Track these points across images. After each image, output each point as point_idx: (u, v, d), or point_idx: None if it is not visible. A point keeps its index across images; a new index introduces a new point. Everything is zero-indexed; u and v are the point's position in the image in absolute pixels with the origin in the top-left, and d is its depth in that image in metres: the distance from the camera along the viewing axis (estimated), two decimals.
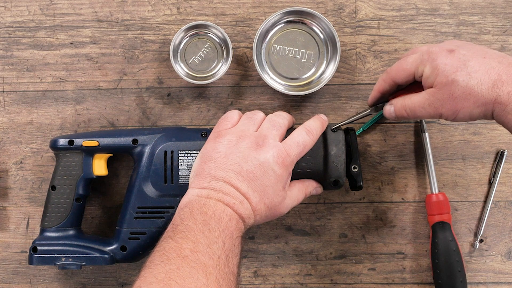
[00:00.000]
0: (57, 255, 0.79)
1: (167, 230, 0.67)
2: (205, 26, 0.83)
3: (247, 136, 0.72)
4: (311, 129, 0.75)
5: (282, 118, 0.76)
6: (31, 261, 0.79)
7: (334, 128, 0.77)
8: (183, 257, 0.62)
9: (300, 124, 0.77)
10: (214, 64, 0.84)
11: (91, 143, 0.79)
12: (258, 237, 0.86)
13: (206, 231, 0.65)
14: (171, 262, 0.62)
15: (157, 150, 0.78)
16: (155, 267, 0.62)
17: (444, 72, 0.68)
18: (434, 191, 0.84)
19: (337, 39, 0.81)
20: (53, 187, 0.80)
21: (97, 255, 0.79)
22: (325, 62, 0.83)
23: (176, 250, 0.63)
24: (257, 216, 0.71)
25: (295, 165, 0.74)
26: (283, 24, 0.83)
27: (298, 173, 0.76)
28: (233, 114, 0.76)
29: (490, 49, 0.70)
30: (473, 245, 0.85)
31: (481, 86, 0.66)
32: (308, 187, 0.77)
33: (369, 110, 0.79)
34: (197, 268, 0.62)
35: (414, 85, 0.74)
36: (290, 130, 0.76)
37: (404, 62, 0.72)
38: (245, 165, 0.70)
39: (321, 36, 0.83)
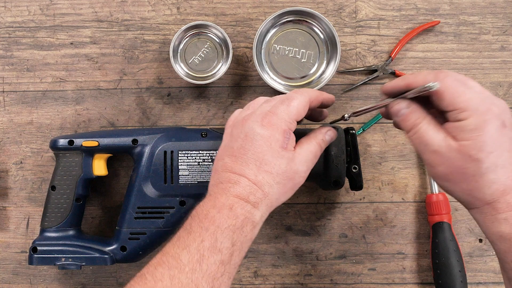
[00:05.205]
0: (57, 255, 0.79)
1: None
2: (205, 26, 0.83)
3: (238, 121, 0.70)
4: (297, 91, 0.70)
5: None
6: (31, 261, 0.79)
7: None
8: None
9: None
10: (214, 64, 0.84)
11: (91, 143, 0.79)
12: (258, 237, 0.86)
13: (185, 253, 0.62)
14: None
15: (157, 150, 0.78)
16: None
17: (480, 145, 0.58)
18: (434, 191, 0.84)
19: (337, 39, 0.81)
20: (53, 187, 0.80)
21: (97, 255, 0.79)
22: (325, 62, 0.83)
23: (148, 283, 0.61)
24: (265, 187, 0.66)
25: None
26: (283, 24, 0.83)
27: None
28: (236, 112, 0.76)
29: None
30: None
31: (493, 185, 0.58)
32: (317, 136, 0.71)
33: (386, 102, 0.65)
34: None
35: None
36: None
37: (462, 91, 0.59)
38: (235, 144, 0.68)
39: (321, 36, 0.83)
